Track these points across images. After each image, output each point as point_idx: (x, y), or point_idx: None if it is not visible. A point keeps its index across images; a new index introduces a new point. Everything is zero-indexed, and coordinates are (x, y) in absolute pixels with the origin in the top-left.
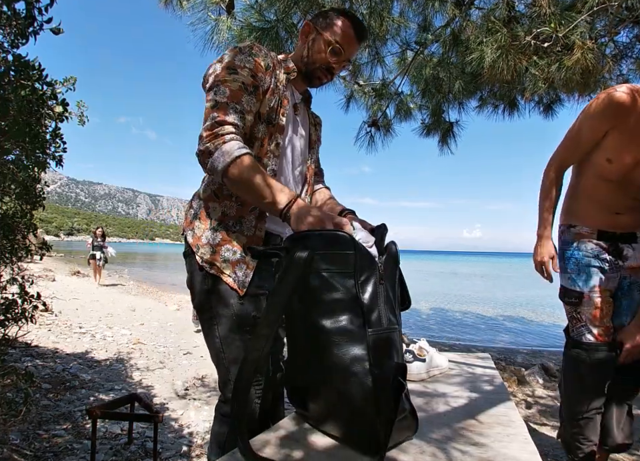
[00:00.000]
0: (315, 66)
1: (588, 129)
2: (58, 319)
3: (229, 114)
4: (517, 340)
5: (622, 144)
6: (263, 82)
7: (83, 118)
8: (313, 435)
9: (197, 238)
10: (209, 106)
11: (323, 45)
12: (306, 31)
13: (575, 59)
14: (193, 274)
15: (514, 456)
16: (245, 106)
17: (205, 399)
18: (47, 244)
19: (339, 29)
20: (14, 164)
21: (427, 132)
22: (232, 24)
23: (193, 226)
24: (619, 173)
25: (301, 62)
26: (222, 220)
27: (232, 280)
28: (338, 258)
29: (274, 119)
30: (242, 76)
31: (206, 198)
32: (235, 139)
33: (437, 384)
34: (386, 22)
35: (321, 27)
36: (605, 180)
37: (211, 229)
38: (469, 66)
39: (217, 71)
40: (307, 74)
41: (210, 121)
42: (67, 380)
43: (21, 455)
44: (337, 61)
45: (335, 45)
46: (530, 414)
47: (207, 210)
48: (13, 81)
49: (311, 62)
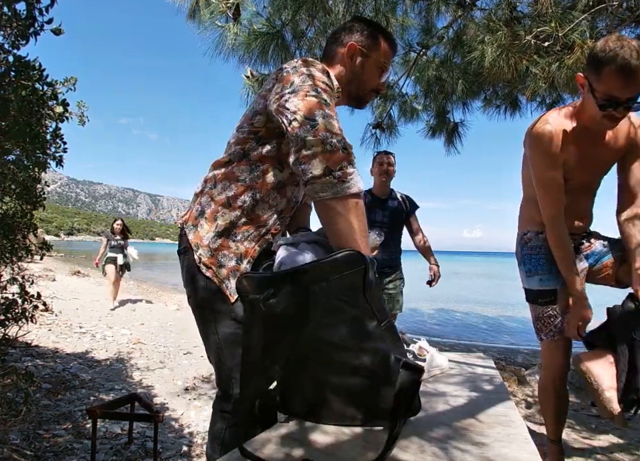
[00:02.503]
0: (366, 91)
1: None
2: (58, 319)
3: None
4: (517, 340)
5: (574, 163)
6: None
7: (83, 118)
8: (313, 434)
9: (199, 237)
10: (316, 101)
11: (374, 68)
12: (351, 53)
13: (576, 58)
14: (188, 273)
15: (514, 455)
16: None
17: (205, 399)
18: (47, 244)
19: (383, 50)
20: (14, 164)
21: (432, 134)
22: (239, 31)
23: (197, 223)
24: (579, 185)
25: (349, 85)
26: (228, 227)
27: (224, 286)
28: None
29: None
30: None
31: (218, 201)
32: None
33: (437, 384)
34: (391, 24)
35: (368, 49)
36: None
37: (214, 232)
38: (470, 65)
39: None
40: (358, 98)
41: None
42: (67, 379)
43: (21, 455)
44: (383, 80)
45: (385, 66)
46: (530, 414)
47: (216, 213)
48: (13, 81)
49: (363, 87)
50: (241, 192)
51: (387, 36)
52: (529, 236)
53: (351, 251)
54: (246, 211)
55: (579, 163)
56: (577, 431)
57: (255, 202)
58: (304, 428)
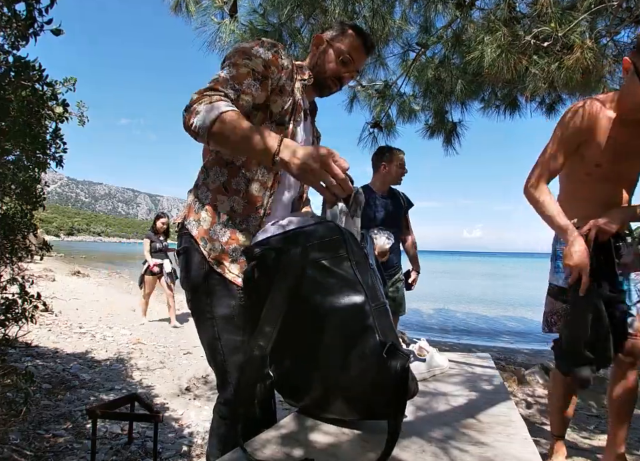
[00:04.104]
0: (325, 76)
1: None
2: (58, 319)
3: (225, 87)
4: (517, 340)
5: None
6: (275, 78)
7: (83, 118)
8: (313, 434)
9: (204, 231)
10: (210, 79)
11: (333, 55)
12: (317, 43)
13: (575, 59)
14: (192, 272)
15: (514, 455)
16: (245, 88)
17: (205, 399)
18: (47, 244)
19: (348, 41)
20: (14, 164)
21: (431, 134)
22: (235, 28)
23: (199, 217)
24: (610, 173)
25: (312, 71)
26: (230, 216)
27: (240, 281)
28: (328, 246)
29: (286, 122)
30: (253, 63)
31: (214, 190)
32: (222, 100)
33: (437, 384)
34: (388, 24)
35: (332, 39)
36: (599, 181)
37: (219, 224)
38: (469, 65)
39: (233, 55)
40: (318, 83)
41: (202, 87)
42: (67, 380)
43: (21, 455)
44: (347, 71)
45: (345, 55)
46: (530, 413)
47: (215, 202)
48: (13, 82)
49: (322, 71)
50: (234, 174)
51: (358, 32)
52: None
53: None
54: (242, 193)
55: (613, 151)
56: (577, 431)
57: (248, 182)
58: (304, 428)
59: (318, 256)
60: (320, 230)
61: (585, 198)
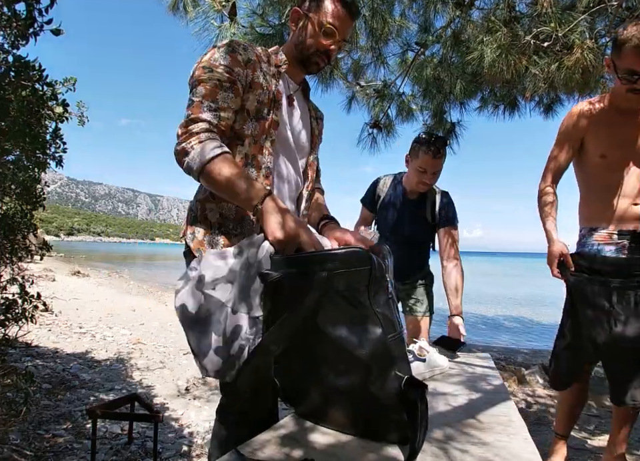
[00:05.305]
0: (310, 52)
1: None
2: (58, 319)
3: (203, 112)
4: (516, 340)
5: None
6: (242, 77)
7: (83, 118)
8: (313, 434)
9: (199, 242)
10: (186, 106)
11: (314, 28)
12: (295, 18)
13: (575, 59)
14: None
15: (514, 455)
16: (221, 104)
17: (205, 399)
18: (47, 244)
19: (328, 9)
20: (14, 164)
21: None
22: (236, 31)
23: (194, 230)
24: (616, 163)
25: (295, 50)
26: (221, 223)
27: None
28: (354, 276)
29: (266, 114)
30: (217, 74)
31: (203, 200)
32: (210, 138)
33: (437, 384)
34: (388, 24)
35: (310, 10)
36: (607, 171)
37: (212, 232)
38: (469, 66)
39: (194, 72)
40: (304, 61)
41: (183, 119)
42: (67, 380)
43: (21, 455)
44: (332, 43)
45: (327, 26)
46: (530, 413)
47: (204, 211)
48: (13, 82)
49: (306, 48)
50: None
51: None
52: (583, 233)
53: (358, 249)
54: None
55: (614, 142)
56: (577, 431)
57: None
58: (304, 428)
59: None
60: (350, 259)
61: (598, 191)
